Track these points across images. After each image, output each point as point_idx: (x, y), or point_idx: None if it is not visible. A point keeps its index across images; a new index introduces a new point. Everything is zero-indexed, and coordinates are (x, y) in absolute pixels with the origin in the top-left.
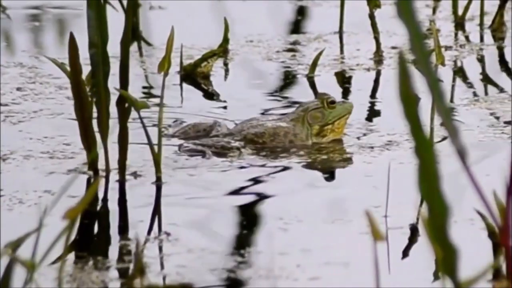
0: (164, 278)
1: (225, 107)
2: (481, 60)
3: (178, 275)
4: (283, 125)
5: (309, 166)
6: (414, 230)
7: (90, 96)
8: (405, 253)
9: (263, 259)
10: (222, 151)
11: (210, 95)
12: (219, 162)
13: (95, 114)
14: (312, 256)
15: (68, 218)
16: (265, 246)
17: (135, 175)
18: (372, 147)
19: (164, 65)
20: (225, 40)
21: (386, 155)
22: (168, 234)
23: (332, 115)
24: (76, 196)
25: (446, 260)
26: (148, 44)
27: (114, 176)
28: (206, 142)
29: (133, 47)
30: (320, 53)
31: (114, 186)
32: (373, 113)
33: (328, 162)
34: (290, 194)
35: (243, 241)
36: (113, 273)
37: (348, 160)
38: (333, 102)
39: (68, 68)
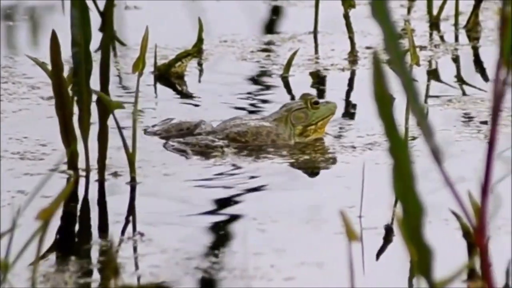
0: (138, 279)
1: (199, 107)
2: (456, 60)
3: (152, 276)
4: (266, 125)
5: (288, 166)
6: (388, 231)
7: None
8: (380, 254)
9: (238, 259)
10: (205, 150)
11: (184, 95)
12: (198, 161)
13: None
14: (287, 257)
15: (42, 219)
16: (239, 247)
17: (115, 174)
18: (353, 147)
19: (138, 65)
20: (200, 40)
21: (365, 156)
22: (142, 234)
23: (316, 116)
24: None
25: (421, 260)
26: (123, 44)
27: (94, 175)
28: (191, 140)
29: None
30: (294, 53)
31: (93, 186)
32: (349, 113)
33: (308, 163)
34: (267, 194)
35: (217, 242)
36: (87, 274)
37: (327, 161)
38: (316, 102)
39: (49, 67)
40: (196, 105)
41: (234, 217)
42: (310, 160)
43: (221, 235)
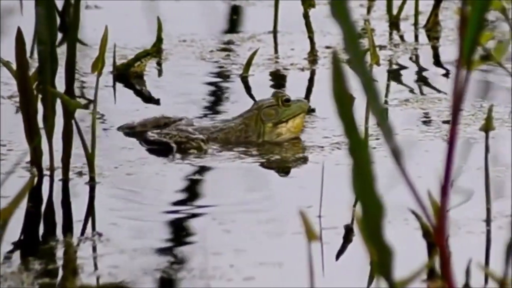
0: (97, 279)
1: (158, 106)
2: (415, 59)
3: (110, 276)
4: (236, 123)
5: (252, 165)
6: (348, 231)
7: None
8: (340, 254)
9: (197, 259)
10: (186, 141)
11: (144, 95)
12: (159, 160)
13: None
14: (247, 256)
15: (1, 218)
16: (199, 246)
17: (80, 174)
18: (316, 147)
19: (97, 65)
20: (159, 39)
21: (326, 156)
22: (100, 234)
23: (286, 113)
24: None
25: (381, 260)
26: (82, 43)
27: (58, 174)
28: (171, 131)
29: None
30: (254, 53)
31: (57, 185)
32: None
33: (272, 162)
34: (228, 193)
35: (176, 241)
36: (46, 274)
37: (290, 161)
38: (288, 100)
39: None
40: (156, 104)
41: (193, 217)
42: (275, 160)
43: (180, 235)
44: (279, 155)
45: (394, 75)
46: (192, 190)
